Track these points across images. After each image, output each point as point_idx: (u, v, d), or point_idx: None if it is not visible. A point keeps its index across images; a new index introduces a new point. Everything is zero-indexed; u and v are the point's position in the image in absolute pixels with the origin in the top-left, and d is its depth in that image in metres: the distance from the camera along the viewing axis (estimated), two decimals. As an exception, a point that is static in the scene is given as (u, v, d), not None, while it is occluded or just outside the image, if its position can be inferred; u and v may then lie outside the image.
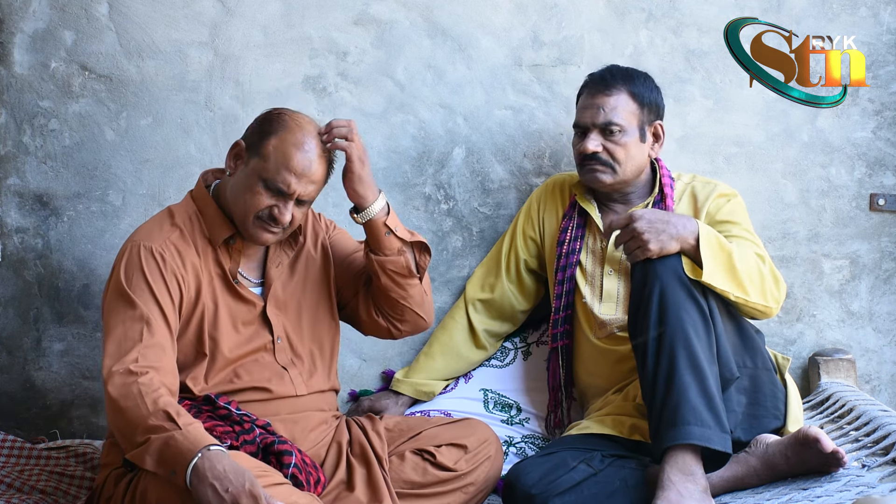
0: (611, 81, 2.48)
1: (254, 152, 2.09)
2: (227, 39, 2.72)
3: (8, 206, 2.70)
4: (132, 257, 2.06)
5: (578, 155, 2.49)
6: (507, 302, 2.69)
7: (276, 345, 2.17)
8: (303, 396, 2.17)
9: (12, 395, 2.72)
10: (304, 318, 2.22)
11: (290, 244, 2.23)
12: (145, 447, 1.83)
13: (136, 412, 1.85)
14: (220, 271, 2.13)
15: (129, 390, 1.88)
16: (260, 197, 2.07)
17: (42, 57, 2.68)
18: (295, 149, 2.06)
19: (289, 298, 2.20)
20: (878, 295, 2.91)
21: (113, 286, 2.06)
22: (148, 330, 1.98)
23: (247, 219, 2.09)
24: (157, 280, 2.04)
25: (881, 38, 2.86)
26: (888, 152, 2.89)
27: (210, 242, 2.13)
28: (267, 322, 2.17)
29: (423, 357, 2.68)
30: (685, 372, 2.09)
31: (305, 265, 2.25)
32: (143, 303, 2.00)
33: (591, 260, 2.55)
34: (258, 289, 2.19)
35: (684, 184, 2.56)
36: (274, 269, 2.20)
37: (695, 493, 2.03)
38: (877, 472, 2.15)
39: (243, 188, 2.08)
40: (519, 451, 2.61)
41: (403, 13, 2.77)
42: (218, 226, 2.13)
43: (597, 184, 2.49)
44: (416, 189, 2.80)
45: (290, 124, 2.09)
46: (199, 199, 2.17)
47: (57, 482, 2.32)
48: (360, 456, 2.18)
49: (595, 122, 2.45)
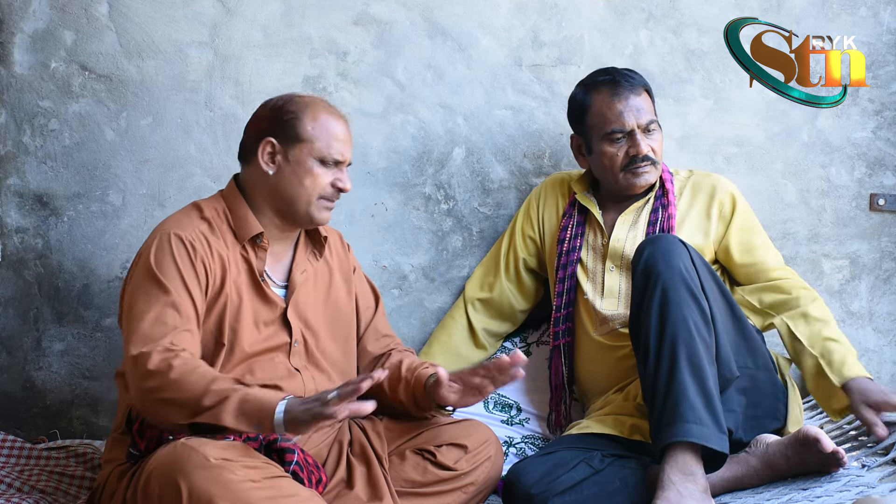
0: (637, 81, 2.50)
1: (292, 140, 2.13)
2: (227, 39, 2.72)
3: (8, 206, 2.70)
4: (162, 244, 2.07)
5: (626, 159, 2.47)
6: (507, 301, 2.69)
7: (293, 348, 2.17)
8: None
9: (12, 395, 2.72)
10: (321, 328, 2.23)
11: (315, 254, 2.26)
12: (222, 406, 1.85)
13: (196, 378, 1.89)
14: (247, 267, 2.15)
15: (178, 362, 1.91)
16: (321, 176, 2.13)
17: (42, 57, 2.68)
18: (331, 119, 2.15)
19: (309, 306, 2.22)
20: (878, 295, 2.91)
21: (142, 271, 2.06)
22: (179, 315, 2.00)
23: (311, 203, 2.14)
24: (187, 267, 2.05)
25: (881, 38, 2.86)
26: (888, 152, 2.89)
27: (238, 239, 2.15)
28: (286, 324, 2.17)
29: (423, 356, 2.68)
30: (685, 371, 2.09)
31: (328, 282, 2.28)
32: (174, 289, 2.02)
33: (591, 257, 2.56)
34: (282, 291, 2.20)
35: (683, 178, 2.58)
36: (299, 275, 2.21)
37: (695, 493, 2.03)
38: (877, 472, 2.15)
39: (299, 176, 2.13)
40: (519, 451, 2.61)
41: (403, 13, 2.77)
42: (248, 222, 2.15)
43: (640, 186, 2.49)
44: (416, 189, 2.80)
45: (307, 101, 2.15)
46: (230, 197, 2.19)
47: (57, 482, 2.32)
48: (360, 455, 2.19)
49: (640, 123, 2.46)
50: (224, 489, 1.80)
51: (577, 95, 2.55)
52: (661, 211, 2.50)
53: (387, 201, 2.78)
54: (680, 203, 2.53)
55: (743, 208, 2.54)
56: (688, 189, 2.56)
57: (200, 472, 1.81)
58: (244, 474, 1.83)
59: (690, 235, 2.50)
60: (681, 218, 2.52)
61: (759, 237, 2.54)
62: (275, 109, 2.16)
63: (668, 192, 2.52)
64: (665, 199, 2.52)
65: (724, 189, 2.54)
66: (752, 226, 2.54)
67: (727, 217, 2.52)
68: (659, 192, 2.53)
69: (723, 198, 2.53)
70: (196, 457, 1.83)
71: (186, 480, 1.81)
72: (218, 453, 1.84)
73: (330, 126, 2.14)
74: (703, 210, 2.53)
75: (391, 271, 2.80)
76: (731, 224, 2.52)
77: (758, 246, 2.52)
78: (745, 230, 2.53)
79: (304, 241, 2.26)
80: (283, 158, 2.13)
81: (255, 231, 2.14)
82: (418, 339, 2.78)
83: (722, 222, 2.52)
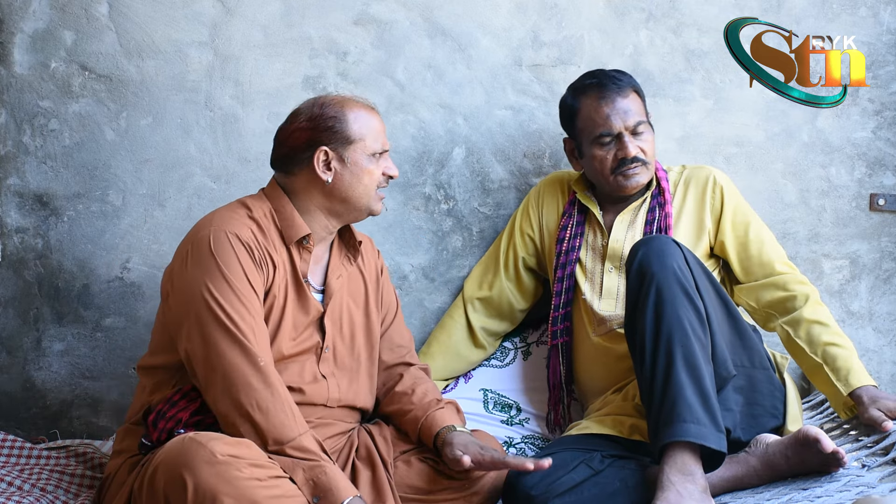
0: (623, 83, 2.49)
1: (344, 144, 2.14)
2: (227, 39, 2.72)
3: (8, 206, 2.70)
4: (223, 243, 2.05)
5: (615, 161, 2.47)
6: (506, 300, 2.69)
7: (323, 353, 2.17)
8: (333, 408, 2.18)
9: (12, 395, 2.72)
10: (353, 335, 2.24)
11: (349, 258, 2.27)
12: (298, 465, 1.93)
13: (284, 417, 1.96)
14: (291, 269, 2.15)
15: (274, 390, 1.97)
16: (376, 170, 2.18)
17: (42, 57, 2.68)
18: (368, 113, 2.19)
19: (344, 312, 2.22)
20: (878, 295, 2.91)
21: (208, 269, 2.03)
22: (255, 320, 2.02)
23: (371, 197, 2.19)
24: (251, 267, 2.06)
25: (881, 38, 2.86)
26: (888, 152, 2.89)
27: (284, 241, 2.15)
28: (321, 329, 2.18)
29: (422, 356, 2.68)
30: (681, 371, 2.09)
31: (361, 288, 2.29)
32: (244, 291, 2.03)
33: (590, 257, 2.56)
34: (319, 296, 2.20)
35: (676, 174, 2.59)
36: (335, 280, 2.22)
37: (694, 493, 2.03)
38: (877, 472, 2.15)
39: (358, 177, 2.16)
40: (519, 451, 2.61)
41: (403, 13, 2.77)
42: (295, 224, 2.14)
43: (632, 188, 2.49)
44: (416, 189, 2.80)
45: (340, 102, 2.18)
46: (274, 197, 2.18)
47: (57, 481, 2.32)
48: (365, 459, 2.18)
49: (627, 125, 2.46)
50: (229, 486, 1.80)
51: (567, 100, 2.55)
52: (657, 210, 2.51)
53: (387, 201, 2.78)
54: (675, 199, 2.54)
55: (733, 199, 2.53)
56: (681, 184, 2.56)
57: (207, 468, 1.81)
58: (250, 472, 1.83)
59: (687, 231, 2.51)
60: (677, 213, 2.52)
61: (755, 230, 2.52)
62: (313, 119, 2.14)
63: (664, 191, 2.52)
64: (661, 199, 2.52)
65: (714, 180, 2.54)
66: (746, 218, 2.53)
67: (718, 208, 2.52)
68: (655, 192, 2.54)
69: (714, 189, 2.53)
70: (203, 452, 1.83)
71: (192, 475, 1.81)
72: (225, 450, 1.84)
73: (370, 121, 2.18)
74: (697, 203, 2.54)
75: (391, 271, 2.80)
76: (723, 215, 2.52)
77: (752, 239, 2.51)
78: (739, 223, 2.52)
79: (339, 244, 2.26)
80: (339, 163, 2.14)
81: (303, 233, 2.14)
82: (418, 339, 2.78)
83: (714, 214, 2.52)
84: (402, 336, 2.38)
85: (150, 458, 1.94)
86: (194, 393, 2.03)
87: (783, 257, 2.53)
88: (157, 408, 2.01)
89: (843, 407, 2.35)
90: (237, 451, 1.85)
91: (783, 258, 2.52)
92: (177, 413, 1.99)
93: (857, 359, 2.36)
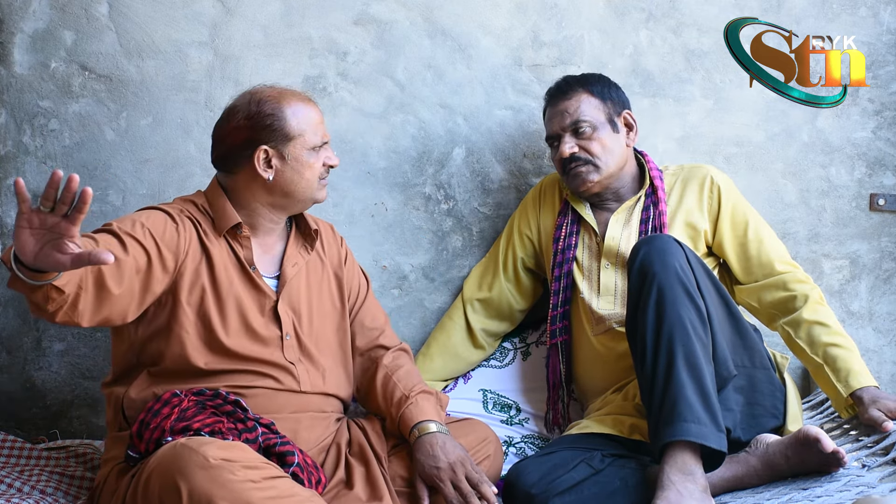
0: (567, 87, 2.53)
1: (283, 141, 2.15)
2: (227, 39, 2.72)
3: (8, 206, 2.70)
4: (149, 210, 2.14)
5: (559, 163, 2.53)
6: (505, 301, 2.69)
7: (286, 341, 2.18)
8: (307, 394, 2.17)
9: (12, 395, 2.72)
10: (315, 321, 2.24)
11: (306, 248, 2.27)
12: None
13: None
14: (234, 260, 2.17)
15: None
16: (316, 163, 2.18)
17: (42, 57, 2.68)
18: (306, 107, 2.19)
19: (302, 299, 2.23)
20: (878, 295, 2.91)
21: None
22: (128, 235, 2.03)
23: (313, 189, 2.19)
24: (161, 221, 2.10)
25: (881, 38, 2.86)
26: (888, 152, 2.89)
27: (216, 231, 2.17)
28: (277, 318, 2.18)
29: (422, 358, 2.68)
30: (682, 370, 2.09)
31: (320, 275, 2.29)
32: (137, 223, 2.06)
33: (587, 255, 2.56)
34: (273, 282, 2.21)
35: (672, 174, 2.58)
36: (290, 268, 2.23)
37: (694, 492, 2.03)
38: (877, 472, 2.15)
39: (300, 172, 2.17)
40: (519, 451, 2.61)
41: (403, 13, 2.77)
42: (226, 215, 2.17)
43: (585, 187, 2.50)
44: (416, 189, 2.80)
45: (276, 96, 2.17)
46: (210, 194, 2.22)
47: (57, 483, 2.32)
48: (358, 455, 2.19)
49: (563, 126, 2.50)
50: (224, 489, 1.80)
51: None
52: (652, 209, 2.51)
53: (387, 201, 2.78)
54: (671, 198, 2.54)
55: (730, 198, 2.52)
56: (678, 183, 2.56)
57: (200, 473, 1.81)
58: (244, 475, 1.83)
59: (683, 229, 2.51)
60: (672, 213, 2.52)
61: (754, 229, 2.51)
62: (251, 117, 2.15)
63: (657, 190, 2.52)
64: (655, 197, 2.52)
65: (711, 180, 2.53)
66: (744, 217, 2.52)
67: (715, 208, 2.52)
68: (649, 191, 2.54)
69: (710, 189, 2.53)
70: (196, 457, 1.82)
71: (186, 481, 1.81)
72: (218, 453, 1.83)
73: (309, 114, 2.18)
74: (694, 203, 2.53)
75: (391, 271, 2.80)
76: (721, 215, 2.51)
77: (751, 239, 2.50)
78: (737, 223, 2.51)
79: (296, 235, 2.27)
80: (280, 160, 2.15)
81: (234, 221, 2.16)
82: (418, 339, 2.78)
83: (710, 214, 2.52)
84: (375, 318, 2.38)
85: (143, 466, 1.93)
86: (175, 399, 2.03)
87: (784, 256, 2.52)
88: (139, 418, 2.00)
89: (845, 407, 2.35)
90: (230, 454, 1.85)
91: (783, 257, 2.52)
92: (160, 422, 1.98)
93: (858, 359, 2.36)
